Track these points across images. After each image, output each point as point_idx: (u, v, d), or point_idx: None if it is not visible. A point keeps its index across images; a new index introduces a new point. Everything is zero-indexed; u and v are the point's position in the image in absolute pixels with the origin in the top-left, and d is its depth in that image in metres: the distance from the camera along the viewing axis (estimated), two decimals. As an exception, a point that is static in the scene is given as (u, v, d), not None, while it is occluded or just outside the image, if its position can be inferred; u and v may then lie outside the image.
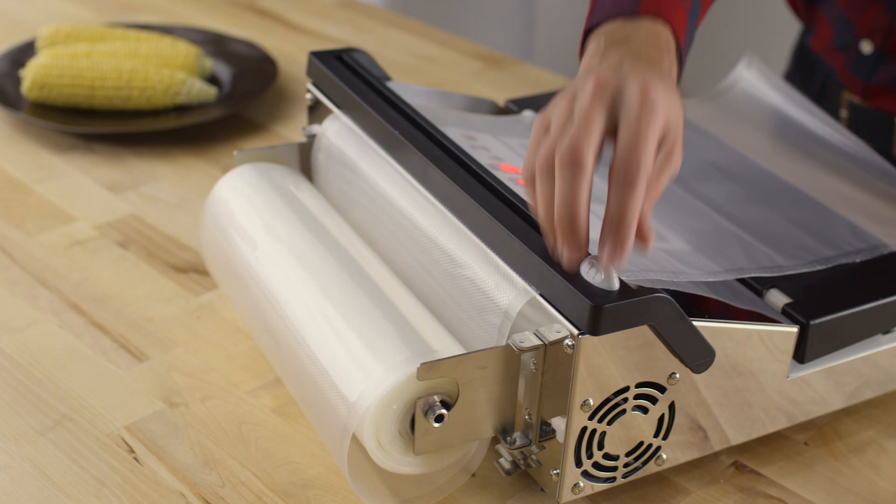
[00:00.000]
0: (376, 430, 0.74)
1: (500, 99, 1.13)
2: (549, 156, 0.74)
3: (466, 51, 1.58)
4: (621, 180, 0.72)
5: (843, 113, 1.30)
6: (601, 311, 0.71)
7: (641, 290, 0.73)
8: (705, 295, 0.81)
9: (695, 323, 0.76)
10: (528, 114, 1.08)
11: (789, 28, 1.81)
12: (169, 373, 0.93)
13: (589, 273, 0.73)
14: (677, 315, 0.74)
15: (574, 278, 0.73)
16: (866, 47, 1.24)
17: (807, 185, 1.01)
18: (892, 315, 0.87)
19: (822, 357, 0.85)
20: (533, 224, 0.79)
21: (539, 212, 0.76)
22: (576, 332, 0.72)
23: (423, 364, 0.71)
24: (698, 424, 0.81)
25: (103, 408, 0.89)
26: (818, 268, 0.89)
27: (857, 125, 1.29)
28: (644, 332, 0.74)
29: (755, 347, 0.81)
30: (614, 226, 0.73)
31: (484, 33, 2.76)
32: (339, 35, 1.60)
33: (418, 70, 1.51)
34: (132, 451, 0.85)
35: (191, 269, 1.06)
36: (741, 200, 0.99)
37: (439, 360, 0.72)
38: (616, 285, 0.72)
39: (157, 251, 1.08)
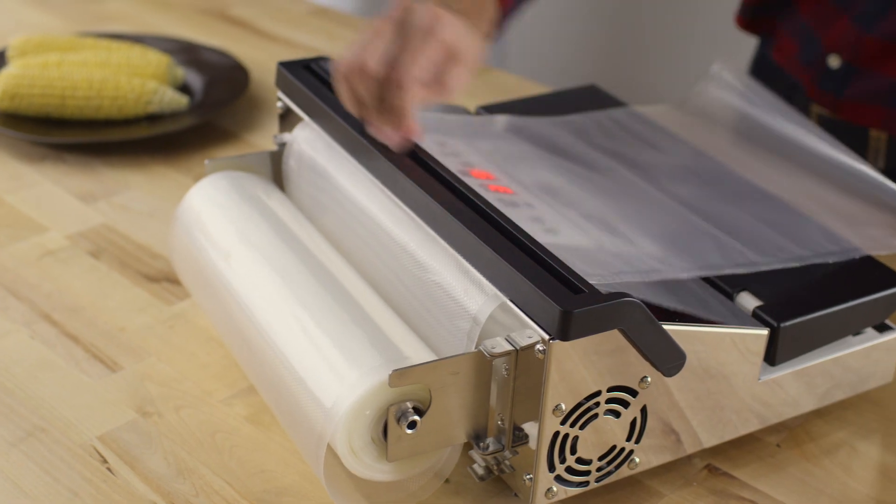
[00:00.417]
0: (349, 436, 0.74)
1: (472, 105, 1.13)
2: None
3: (438, 58, 1.58)
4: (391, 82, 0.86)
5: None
6: (571, 316, 0.71)
7: (611, 295, 0.73)
8: (673, 307, 0.81)
9: (665, 326, 0.77)
10: (500, 118, 1.08)
11: (745, 40, 1.82)
12: (142, 382, 0.93)
13: None
14: (647, 319, 0.75)
15: (544, 284, 0.73)
16: (834, 62, 1.23)
17: (780, 187, 1.02)
18: (861, 317, 0.88)
19: (793, 359, 0.86)
20: (503, 230, 0.79)
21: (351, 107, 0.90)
22: (546, 337, 0.72)
23: (394, 371, 0.71)
24: (671, 428, 0.82)
25: (76, 418, 0.89)
26: (792, 265, 0.89)
27: None
28: (615, 336, 0.74)
29: (727, 350, 0.81)
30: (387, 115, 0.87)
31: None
32: (311, 43, 1.60)
33: (390, 77, 1.51)
34: (105, 461, 0.85)
35: (163, 279, 1.05)
36: (714, 200, 0.99)
37: (411, 366, 0.72)
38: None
39: (130, 260, 1.08)
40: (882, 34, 1.19)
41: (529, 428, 0.76)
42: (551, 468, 0.77)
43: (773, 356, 0.83)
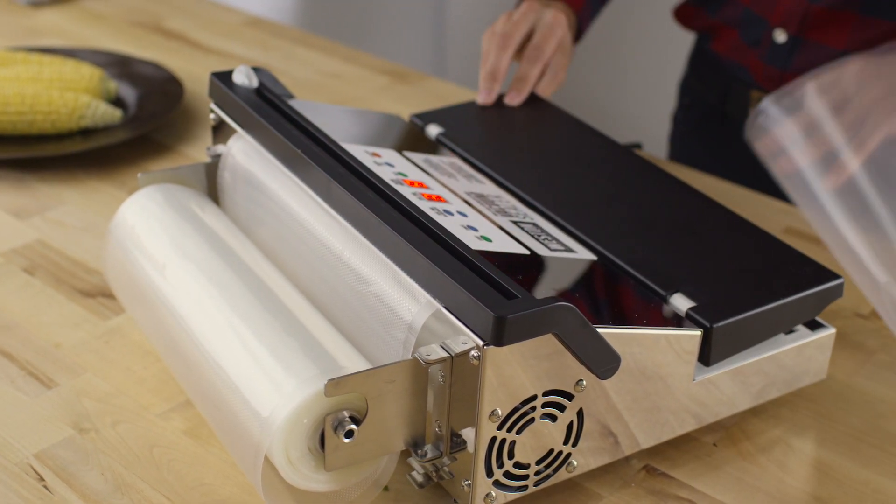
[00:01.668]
0: (286, 446, 0.74)
1: (406, 113, 1.14)
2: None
3: (373, 66, 1.58)
4: (531, 58, 1.21)
5: (752, 111, 1.32)
6: (504, 322, 0.71)
7: (545, 300, 0.73)
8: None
9: (601, 330, 0.77)
10: (432, 128, 1.09)
11: (682, 36, 1.84)
12: (78, 398, 0.92)
13: None
14: (581, 323, 0.75)
15: (478, 290, 0.74)
16: (780, 36, 1.26)
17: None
18: (794, 314, 0.89)
19: (727, 359, 0.87)
20: (436, 238, 0.80)
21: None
22: (480, 343, 0.72)
23: (330, 380, 0.71)
24: (609, 430, 0.82)
25: (11, 436, 0.88)
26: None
27: None
28: (549, 340, 0.75)
29: (662, 352, 0.82)
30: (519, 82, 1.21)
31: (394, 50, 2.77)
32: (245, 54, 1.60)
33: (325, 87, 1.51)
34: (42, 479, 0.84)
35: (99, 294, 1.05)
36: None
37: (346, 375, 0.72)
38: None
39: (64, 276, 1.07)
40: (827, 4, 1.22)
41: (467, 434, 0.76)
42: (489, 473, 0.78)
43: (707, 357, 0.84)
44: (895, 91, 1.00)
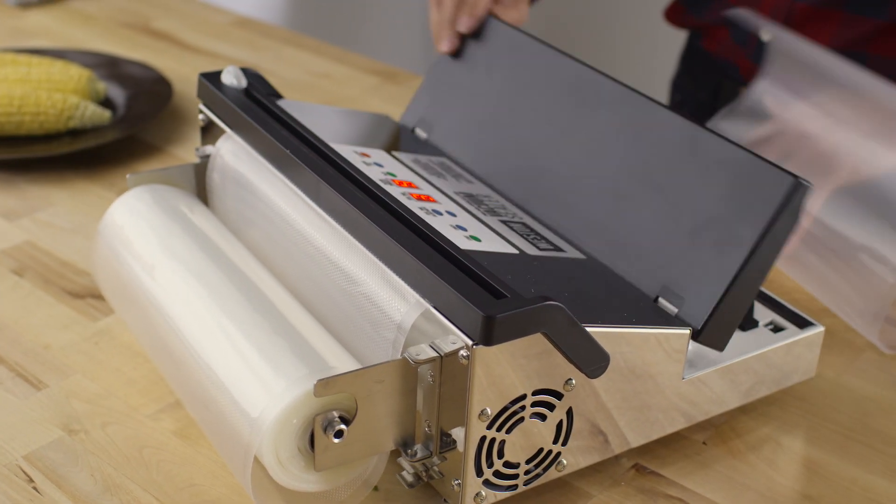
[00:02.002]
0: (276, 447, 0.74)
1: (397, 114, 1.14)
2: None
3: (363, 66, 1.58)
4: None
5: None
6: (493, 321, 0.71)
7: (534, 299, 0.74)
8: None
9: (589, 328, 0.77)
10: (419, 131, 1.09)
11: (674, 34, 1.84)
12: (67, 400, 0.92)
13: None
14: (570, 322, 0.75)
15: (467, 290, 0.74)
16: (766, 35, 1.27)
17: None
18: (773, 239, 0.84)
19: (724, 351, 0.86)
20: (425, 238, 0.80)
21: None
22: (470, 342, 0.72)
23: (319, 380, 0.71)
24: (598, 429, 0.82)
25: (0, 438, 0.88)
26: None
27: None
28: (538, 340, 0.75)
29: (652, 350, 0.82)
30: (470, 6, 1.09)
31: (384, 50, 2.77)
32: (234, 54, 1.60)
33: (315, 87, 1.51)
34: (31, 480, 0.84)
35: (88, 295, 1.05)
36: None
37: (336, 375, 0.72)
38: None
39: (53, 277, 1.07)
40: (812, 1, 1.23)
41: (457, 433, 0.76)
42: (479, 473, 0.78)
43: (718, 343, 0.84)
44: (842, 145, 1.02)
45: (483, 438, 0.76)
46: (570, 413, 0.80)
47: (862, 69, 1.11)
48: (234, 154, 0.97)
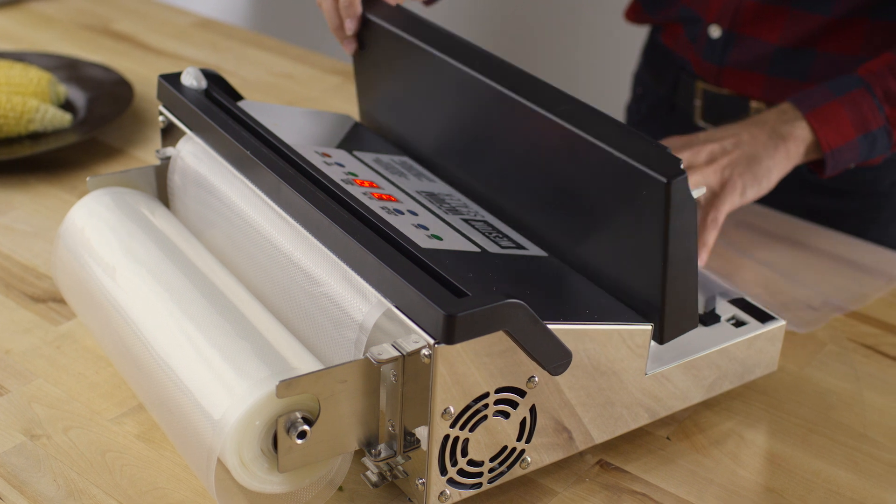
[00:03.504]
0: (239, 449, 0.74)
1: (358, 113, 1.13)
2: None
3: (324, 66, 1.58)
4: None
5: (697, 102, 1.35)
6: (455, 320, 0.71)
7: (495, 297, 0.74)
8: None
9: (552, 326, 0.77)
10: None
11: (637, 30, 1.85)
12: (29, 405, 0.91)
13: None
14: (531, 319, 0.75)
15: (428, 289, 0.74)
16: (715, 32, 1.29)
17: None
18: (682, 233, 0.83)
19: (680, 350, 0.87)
20: (386, 237, 0.80)
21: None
22: (431, 341, 0.72)
23: (282, 381, 0.71)
24: (563, 425, 0.83)
25: (-38, 444, 0.87)
26: None
27: (711, 112, 1.34)
28: (501, 337, 0.75)
29: (615, 346, 0.82)
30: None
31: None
32: (196, 56, 1.59)
33: (277, 87, 1.51)
34: (-7, 486, 0.83)
35: (49, 299, 1.04)
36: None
37: (298, 376, 0.72)
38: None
39: (14, 281, 1.06)
40: None
41: (420, 432, 0.77)
42: (443, 471, 0.78)
43: (660, 336, 0.84)
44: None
45: (446, 437, 0.76)
46: (533, 410, 0.80)
47: None
48: (194, 155, 0.96)
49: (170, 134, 1.01)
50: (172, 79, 1.00)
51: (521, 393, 0.79)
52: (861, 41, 1.23)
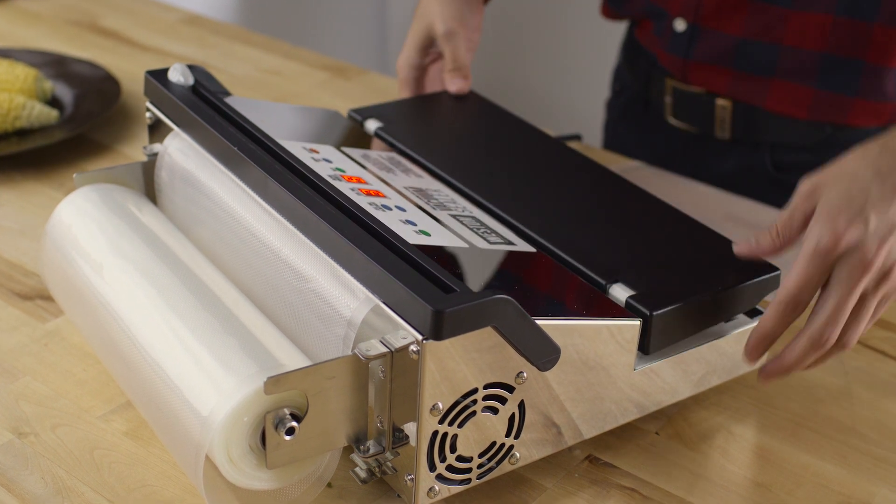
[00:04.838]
0: (227, 445, 0.74)
1: (346, 109, 1.13)
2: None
3: (312, 62, 1.58)
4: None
5: (668, 99, 1.35)
6: (443, 316, 0.71)
7: (483, 293, 0.74)
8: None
9: (540, 321, 0.77)
10: (371, 123, 1.09)
11: (618, 26, 1.85)
12: (17, 402, 0.91)
13: None
14: (520, 315, 0.75)
15: (416, 285, 0.74)
16: (679, 25, 1.29)
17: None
18: (732, 304, 0.89)
19: (667, 348, 0.87)
20: (374, 233, 0.80)
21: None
22: (420, 337, 0.72)
23: (270, 378, 0.71)
24: (552, 421, 0.83)
25: (-51, 443, 0.87)
26: None
27: (679, 110, 1.34)
28: (489, 333, 0.75)
29: (604, 342, 0.82)
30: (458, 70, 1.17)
31: (335, 46, 2.76)
32: (183, 52, 1.59)
33: (265, 83, 1.51)
34: (-20, 485, 0.83)
35: (36, 296, 1.04)
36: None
37: (286, 372, 0.72)
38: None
39: (1, 279, 1.06)
40: None
41: (409, 428, 0.76)
42: (432, 467, 0.78)
43: (646, 345, 0.85)
44: None
45: (435, 433, 0.76)
46: (522, 406, 0.80)
47: None
48: (181, 152, 0.96)
49: (157, 130, 1.01)
50: (159, 75, 1.00)
51: (510, 389, 0.78)
52: (826, 36, 1.22)
